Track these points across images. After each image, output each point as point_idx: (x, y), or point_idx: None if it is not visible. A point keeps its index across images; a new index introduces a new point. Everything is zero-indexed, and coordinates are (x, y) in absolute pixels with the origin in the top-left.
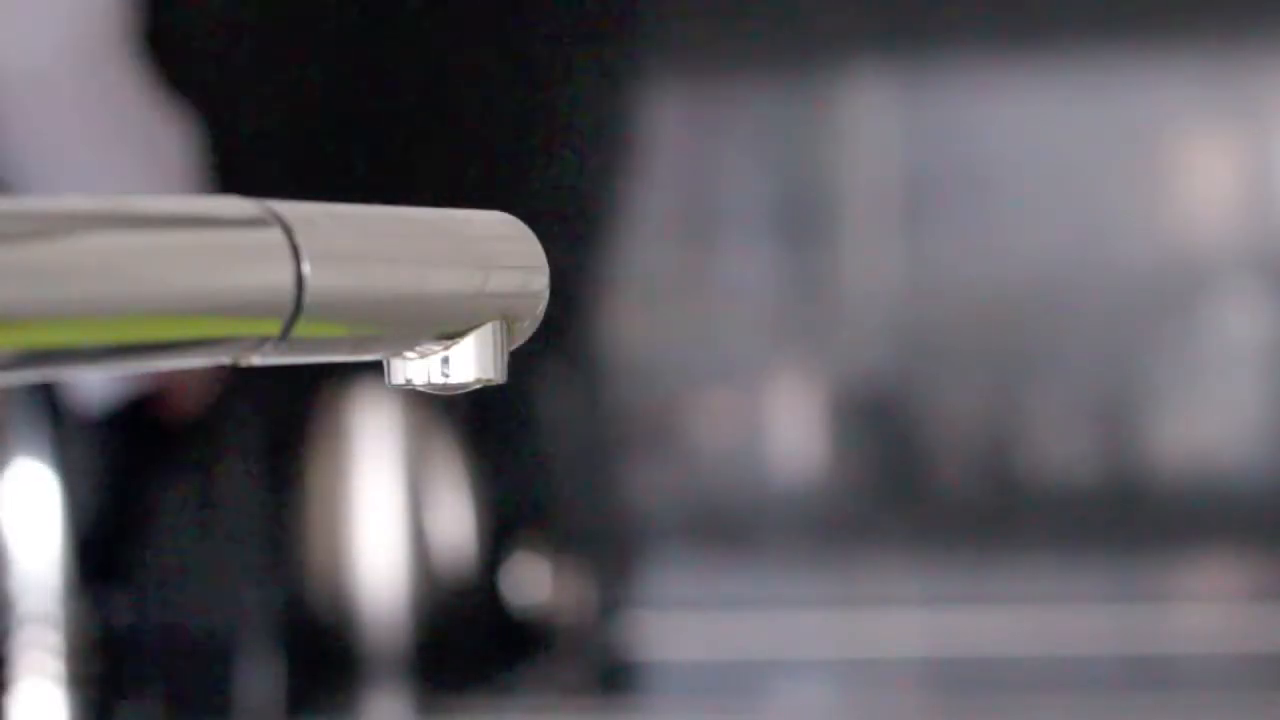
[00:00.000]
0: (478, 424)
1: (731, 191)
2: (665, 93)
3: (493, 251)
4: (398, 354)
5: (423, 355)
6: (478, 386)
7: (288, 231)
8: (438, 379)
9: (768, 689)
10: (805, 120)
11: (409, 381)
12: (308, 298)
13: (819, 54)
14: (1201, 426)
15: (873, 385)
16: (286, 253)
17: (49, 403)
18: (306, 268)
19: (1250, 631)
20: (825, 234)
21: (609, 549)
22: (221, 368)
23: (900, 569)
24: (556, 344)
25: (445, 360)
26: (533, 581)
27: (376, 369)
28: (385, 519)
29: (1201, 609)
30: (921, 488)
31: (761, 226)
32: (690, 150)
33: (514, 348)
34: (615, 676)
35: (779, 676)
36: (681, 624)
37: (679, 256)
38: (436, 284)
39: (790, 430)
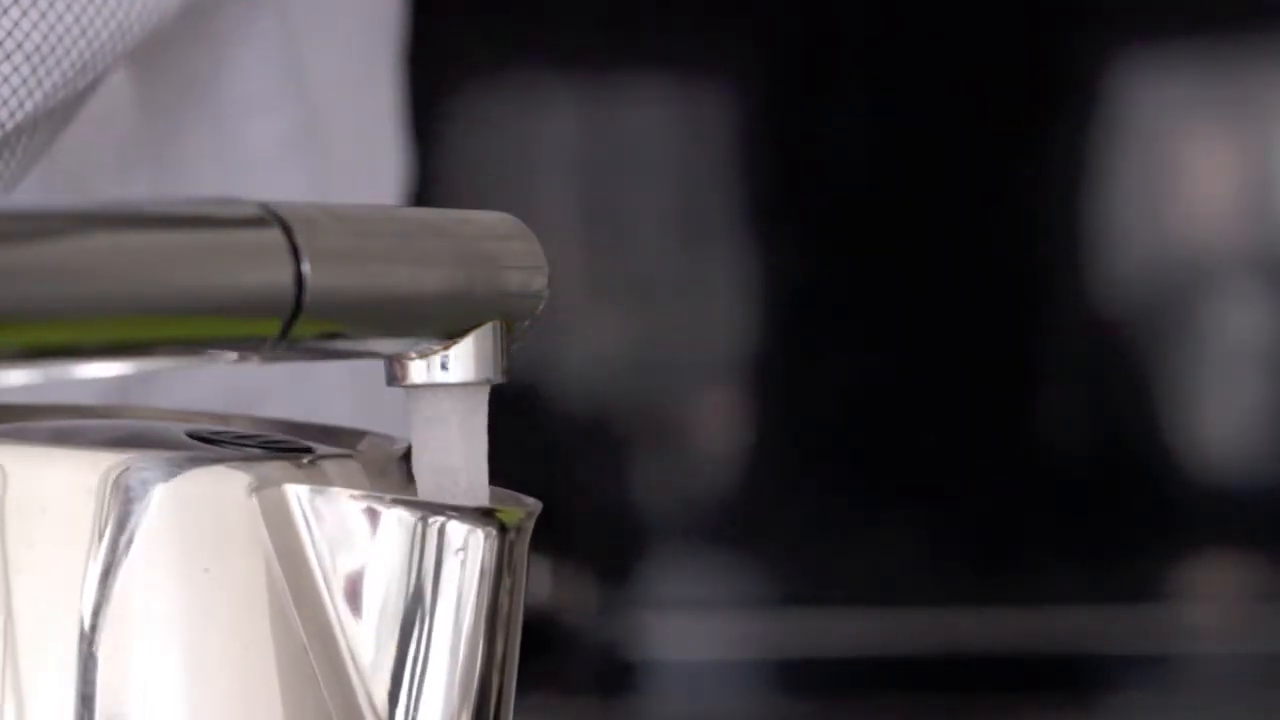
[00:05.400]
0: None
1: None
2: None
3: (493, 251)
4: (397, 354)
5: (422, 355)
6: None
7: (287, 231)
8: (437, 379)
9: (767, 689)
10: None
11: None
12: (308, 298)
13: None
14: (1203, 425)
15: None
16: (286, 252)
17: None
18: (306, 267)
19: (1250, 631)
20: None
21: (609, 549)
22: None
23: (901, 568)
24: (557, 343)
25: (445, 360)
26: (532, 581)
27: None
28: None
29: (1201, 609)
30: (922, 487)
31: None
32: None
33: (514, 347)
34: (615, 676)
35: (779, 676)
36: (681, 624)
37: (679, 256)
38: (436, 284)
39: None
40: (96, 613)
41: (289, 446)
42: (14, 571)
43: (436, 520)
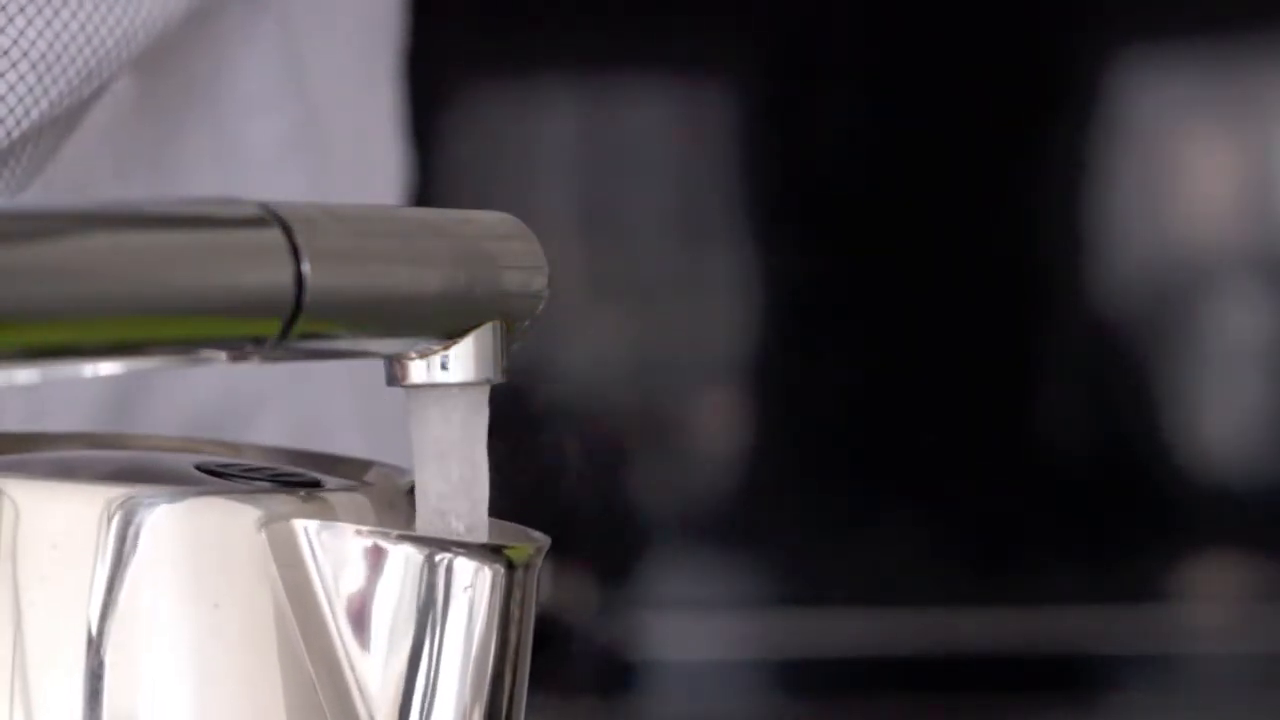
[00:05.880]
0: None
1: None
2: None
3: (493, 251)
4: (397, 354)
5: (422, 355)
6: None
7: (287, 231)
8: (437, 379)
9: (767, 689)
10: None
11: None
12: (308, 298)
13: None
14: (1203, 425)
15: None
16: (286, 252)
17: None
18: (306, 267)
19: (1250, 631)
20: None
21: (609, 549)
22: None
23: (901, 568)
24: (557, 343)
25: (445, 360)
26: None
27: None
28: None
29: (1202, 609)
30: (922, 487)
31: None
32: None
33: (514, 347)
34: (615, 676)
35: (779, 676)
36: (681, 624)
37: (679, 256)
38: (436, 284)
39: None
40: (107, 647)
41: (297, 480)
42: (26, 606)
43: (444, 557)
